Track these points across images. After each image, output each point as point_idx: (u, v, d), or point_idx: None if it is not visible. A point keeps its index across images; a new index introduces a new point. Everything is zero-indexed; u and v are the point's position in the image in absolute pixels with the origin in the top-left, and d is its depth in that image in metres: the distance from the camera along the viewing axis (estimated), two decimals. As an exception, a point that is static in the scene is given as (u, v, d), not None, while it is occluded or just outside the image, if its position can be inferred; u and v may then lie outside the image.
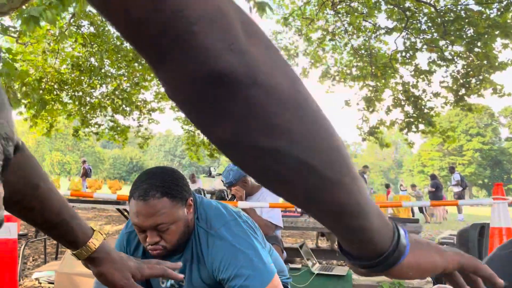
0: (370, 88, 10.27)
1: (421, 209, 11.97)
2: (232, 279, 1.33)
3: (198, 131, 12.92)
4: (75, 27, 9.96)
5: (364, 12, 9.58)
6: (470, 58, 8.73)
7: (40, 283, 3.66)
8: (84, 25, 10.22)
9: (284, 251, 3.03)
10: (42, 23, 5.07)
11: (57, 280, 3.29)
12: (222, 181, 3.31)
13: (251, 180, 3.25)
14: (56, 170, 51.91)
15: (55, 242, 5.43)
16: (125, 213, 4.10)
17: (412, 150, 64.54)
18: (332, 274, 2.98)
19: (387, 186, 15.74)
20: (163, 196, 1.30)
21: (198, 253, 1.43)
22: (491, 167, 48.77)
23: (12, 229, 2.99)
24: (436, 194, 12.41)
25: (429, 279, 2.99)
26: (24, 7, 5.23)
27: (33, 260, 4.78)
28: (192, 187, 2.74)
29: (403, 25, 8.90)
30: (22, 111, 9.56)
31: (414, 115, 9.62)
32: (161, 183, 1.32)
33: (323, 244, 5.77)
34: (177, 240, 1.36)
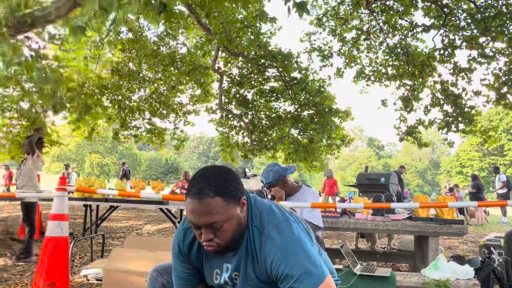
0: (407, 88, 10.06)
1: (461, 211, 11.59)
2: (284, 279, 1.36)
3: (232, 133, 13.09)
4: (114, 34, 10.30)
5: (400, 10, 9.40)
6: (513, 55, 8.42)
7: (88, 280, 3.81)
8: (123, 31, 10.55)
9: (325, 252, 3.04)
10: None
11: (105, 277, 3.42)
12: (262, 182, 3.33)
13: (290, 180, 3.26)
14: (96, 172, 53.58)
15: (100, 240, 5.64)
16: (168, 213, 4.22)
17: (450, 150, 62.57)
18: (375, 275, 2.96)
19: (451, 189, 15.14)
20: (216, 195, 1.35)
21: (252, 251, 1.46)
22: (535, 168, 46.60)
23: (64, 227, 3.15)
24: (477, 195, 11.98)
25: (476, 281, 2.92)
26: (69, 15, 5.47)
27: (80, 258, 4.98)
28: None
29: (441, 22, 8.68)
30: (65, 115, 9.99)
31: (454, 114, 9.35)
32: (215, 182, 1.36)
33: (362, 245, 5.71)
34: (230, 238, 1.41)
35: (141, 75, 11.06)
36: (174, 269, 1.64)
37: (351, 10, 10.08)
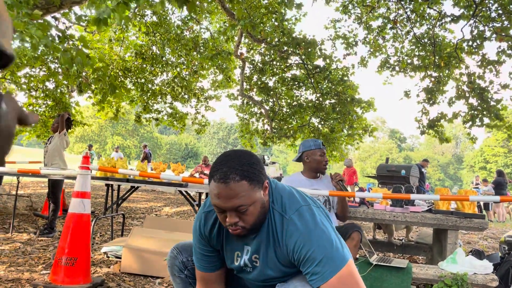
0: (432, 79, 9.84)
1: (486, 206, 11.38)
2: (305, 262, 1.38)
3: (253, 119, 13.09)
4: (139, 17, 10.36)
5: (429, -1, 9.16)
6: (545, 48, 8.13)
7: (108, 257, 3.91)
8: (147, 14, 10.60)
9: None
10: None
11: (124, 254, 3.51)
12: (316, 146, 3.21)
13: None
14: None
15: (120, 220, 5.77)
16: (187, 196, 4.27)
17: (474, 145, 61.21)
18: (391, 266, 2.95)
19: (485, 179, 14.85)
20: (242, 179, 1.36)
21: (274, 235, 1.48)
22: None
23: (87, 205, 3.23)
24: (498, 191, 11.74)
25: (494, 276, 2.88)
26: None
27: (100, 236, 5.11)
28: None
29: (471, 12, 8.42)
30: (90, 95, 10.16)
31: (479, 108, 9.12)
32: (240, 166, 1.37)
33: (380, 236, 5.69)
34: (255, 220, 1.43)
35: (164, 58, 11.12)
36: (194, 251, 1.67)
37: (378, -2, 9.88)
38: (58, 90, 10.30)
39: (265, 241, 1.50)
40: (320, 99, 11.17)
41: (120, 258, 3.68)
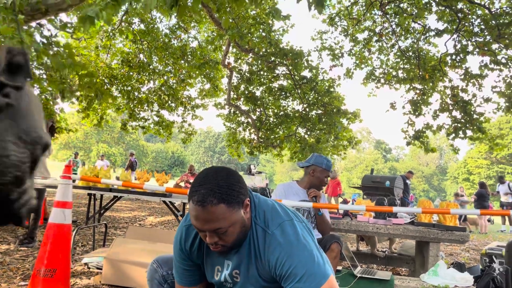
0: (417, 91, 10.00)
1: (460, 217, 11.51)
2: (286, 278, 1.37)
3: (240, 129, 13.11)
4: (126, 24, 10.33)
5: (414, 13, 9.34)
6: (526, 63, 8.33)
7: (89, 268, 3.84)
8: (135, 22, 10.58)
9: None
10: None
11: (105, 266, 3.45)
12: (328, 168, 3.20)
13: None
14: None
15: (103, 230, 5.69)
16: (171, 206, 4.24)
17: (457, 156, 62.04)
18: (375, 278, 2.96)
19: (456, 195, 15.01)
20: (220, 202, 1.33)
21: (255, 250, 1.47)
22: (544, 178, 46.13)
23: (67, 215, 3.17)
24: (480, 203, 11.90)
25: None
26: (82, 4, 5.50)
27: (82, 246, 5.03)
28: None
29: (454, 27, 8.61)
30: (75, 103, 10.05)
31: (462, 120, 9.29)
32: (218, 188, 1.34)
33: (363, 248, 5.70)
34: (235, 240, 1.42)
35: (151, 67, 11.10)
36: (175, 265, 1.65)
37: (364, 11, 10.04)
38: (43, 97, 10.17)
39: (246, 256, 1.49)
40: (307, 109, 11.25)
41: (101, 269, 3.62)
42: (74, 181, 3.30)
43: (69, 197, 3.18)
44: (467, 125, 9.19)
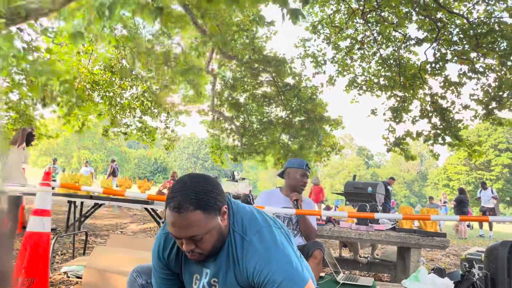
0: (398, 99, 10.17)
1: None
2: (266, 285, 1.36)
3: (223, 135, 13.10)
4: (109, 30, 10.23)
5: (395, 22, 9.52)
6: (503, 72, 8.55)
7: (69, 277, 3.76)
8: (117, 28, 10.49)
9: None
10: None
11: (85, 275, 3.39)
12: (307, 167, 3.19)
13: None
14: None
15: (83, 238, 5.59)
16: (153, 213, 4.19)
17: (438, 163, 63.05)
18: (357, 284, 2.97)
19: (431, 198, 15.32)
20: (196, 209, 1.33)
21: (234, 257, 1.46)
22: (520, 184, 47.24)
23: (46, 223, 3.11)
24: (460, 209, 12.11)
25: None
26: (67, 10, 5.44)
27: (61, 254, 4.92)
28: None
29: (434, 36, 8.80)
30: (55, 109, 9.89)
31: (441, 127, 9.47)
32: (195, 194, 1.34)
33: (346, 254, 5.74)
34: (212, 247, 1.41)
35: (134, 72, 11.01)
36: (153, 273, 1.63)
37: (347, 19, 10.18)
38: (22, 102, 9.99)
39: (225, 264, 1.48)
40: (290, 116, 11.32)
41: (81, 278, 3.55)
42: (53, 188, 3.24)
43: (48, 205, 3.12)
44: (446, 132, 9.37)
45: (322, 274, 3.17)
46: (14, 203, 4.85)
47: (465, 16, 8.45)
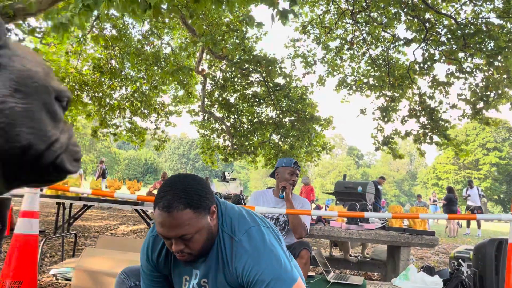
0: (387, 98, 10.24)
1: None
2: (255, 284, 1.36)
3: (214, 136, 13.06)
4: (98, 30, 10.16)
5: (384, 22, 9.58)
6: (490, 72, 8.66)
7: (58, 279, 3.73)
8: (106, 28, 10.41)
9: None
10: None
11: (75, 276, 3.36)
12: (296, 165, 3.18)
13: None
14: (72, 169, 52.45)
15: (72, 239, 5.54)
16: (143, 214, 4.17)
17: (427, 162, 63.53)
18: (347, 283, 2.99)
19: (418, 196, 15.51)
20: (186, 208, 1.32)
21: (223, 257, 1.45)
22: (508, 183, 47.86)
23: (34, 225, 3.07)
24: (449, 207, 12.23)
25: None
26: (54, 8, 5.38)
27: (50, 256, 4.87)
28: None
29: (422, 36, 8.87)
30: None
31: (429, 126, 9.55)
32: (184, 193, 1.34)
33: (336, 253, 5.76)
34: (201, 247, 1.40)
35: (123, 73, 10.93)
36: (142, 276, 1.62)
37: (336, 20, 10.22)
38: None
39: (214, 264, 1.47)
40: (280, 116, 11.33)
41: (70, 280, 3.52)
42: (41, 189, 3.20)
43: (36, 207, 3.08)
44: (434, 131, 9.46)
45: (313, 274, 3.18)
46: (4, 205, 4.79)
47: (453, 16, 8.54)
